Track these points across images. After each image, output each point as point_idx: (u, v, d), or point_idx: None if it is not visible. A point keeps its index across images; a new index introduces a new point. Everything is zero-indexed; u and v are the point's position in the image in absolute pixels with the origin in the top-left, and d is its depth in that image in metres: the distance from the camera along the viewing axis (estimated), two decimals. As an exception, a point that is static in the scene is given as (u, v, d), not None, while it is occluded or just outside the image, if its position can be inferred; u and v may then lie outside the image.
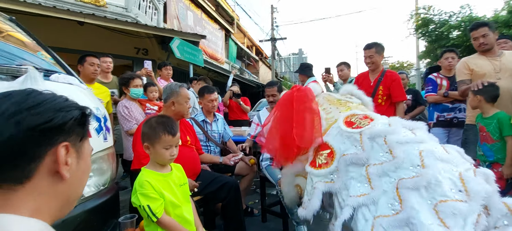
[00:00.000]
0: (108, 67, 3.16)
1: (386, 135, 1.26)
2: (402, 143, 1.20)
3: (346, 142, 1.35)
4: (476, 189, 1.00)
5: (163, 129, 1.33)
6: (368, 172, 1.20)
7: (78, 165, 0.56)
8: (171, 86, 2.11)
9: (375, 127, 1.32)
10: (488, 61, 2.34)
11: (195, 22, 10.17)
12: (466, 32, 9.45)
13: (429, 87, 3.02)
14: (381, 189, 1.14)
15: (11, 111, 0.47)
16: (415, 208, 1.00)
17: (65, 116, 0.51)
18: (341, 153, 1.32)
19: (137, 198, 1.27)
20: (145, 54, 6.84)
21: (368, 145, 1.26)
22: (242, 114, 5.19)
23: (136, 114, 2.67)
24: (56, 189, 0.52)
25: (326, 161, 1.35)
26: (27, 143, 0.48)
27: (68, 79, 1.42)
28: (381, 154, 1.22)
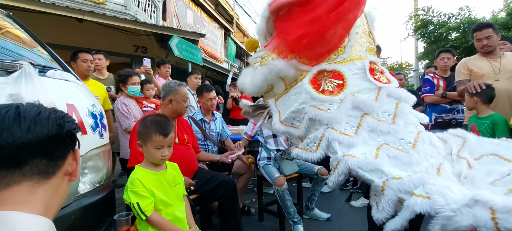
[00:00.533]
0: (97, 64, 3.08)
1: (401, 101, 1.22)
2: (407, 115, 1.18)
3: (363, 86, 1.25)
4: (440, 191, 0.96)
5: (155, 129, 1.32)
6: (362, 120, 1.17)
7: (75, 169, 0.63)
8: (170, 84, 2.10)
9: (393, 88, 1.27)
10: (488, 62, 2.34)
11: (195, 20, 10.15)
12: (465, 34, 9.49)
13: (427, 88, 2.99)
14: (363, 140, 1.13)
15: (54, 116, 0.57)
16: (386, 165, 1.02)
17: (78, 127, 0.62)
18: (352, 91, 1.22)
19: (128, 195, 1.28)
20: (144, 52, 6.83)
21: (384, 100, 1.21)
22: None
23: (134, 111, 2.66)
24: (63, 189, 0.60)
25: (333, 90, 1.23)
26: (64, 143, 0.58)
27: (64, 75, 1.41)
28: (385, 113, 1.20)
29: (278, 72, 1.29)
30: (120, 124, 2.68)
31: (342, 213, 2.87)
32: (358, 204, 2.98)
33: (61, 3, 5.00)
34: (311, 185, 2.68)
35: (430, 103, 2.99)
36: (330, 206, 3.02)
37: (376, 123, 1.15)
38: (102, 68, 3.16)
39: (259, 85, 1.35)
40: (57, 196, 0.58)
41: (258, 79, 1.34)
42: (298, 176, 2.63)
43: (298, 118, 1.30)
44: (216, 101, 2.84)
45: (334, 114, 1.16)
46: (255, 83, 1.36)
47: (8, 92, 0.94)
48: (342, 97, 1.20)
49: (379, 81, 1.26)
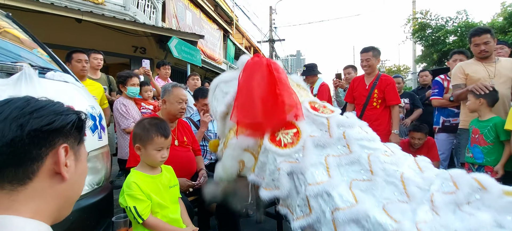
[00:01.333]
0: (99, 64, 3.09)
1: (346, 129, 1.33)
2: (357, 139, 1.29)
3: (313, 125, 1.36)
4: (413, 191, 1.12)
5: (156, 130, 1.34)
6: (327, 161, 1.24)
7: (76, 168, 0.58)
8: (167, 85, 2.12)
9: (338, 117, 1.39)
10: (483, 67, 2.36)
11: (194, 21, 10.16)
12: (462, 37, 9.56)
13: (435, 90, 2.94)
14: (338, 178, 1.20)
15: (14, 115, 0.50)
16: (368, 208, 1.08)
17: (64, 119, 0.54)
18: (307, 133, 1.30)
19: (124, 199, 1.28)
20: (143, 52, 6.83)
21: (336, 132, 1.31)
22: None
23: (133, 112, 2.67)
24: (56, 190, 0.54)
25: (292, 140, 1.30)
26: (30, 145, 0.50)
27: (63, 77, 1.41)
28: (339, 146, 1.29)
29: (239, 145, 1.38)
30: (119, 124, 2.69)
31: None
32: None
33: (59, 3, 5.00)
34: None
35: (437, 106, 2.95)
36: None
37: (338, 159, 1.25)
38: (97, 69, 3.15)
39: (230, 166, 1.42)
40: (48, 198, 0.53)
41: (227, 162, 1.42)
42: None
43: (276, 178, 1.31)
44: None
45: (305, 162, 1.23)
46: (226, 166, 1.43)
47: (8, 94, 0.94)
48: (302, 144, 1.27)
49: (323, 114, 1.39)
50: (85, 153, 0.62)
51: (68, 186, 0.56)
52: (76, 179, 0.58)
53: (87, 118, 0.61)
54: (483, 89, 2.10)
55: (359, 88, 2.97)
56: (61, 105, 0.57)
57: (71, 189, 0.58)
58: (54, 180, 0.53)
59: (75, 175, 0.58)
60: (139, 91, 2.84)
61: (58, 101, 0.57)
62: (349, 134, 1.29)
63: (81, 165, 0.60)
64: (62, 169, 0.53)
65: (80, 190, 0.61)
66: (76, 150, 0.58)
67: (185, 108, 2.12)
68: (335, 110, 1.44)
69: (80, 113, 0.59)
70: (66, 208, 0.58)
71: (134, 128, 1.41)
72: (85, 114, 0.60)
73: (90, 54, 3.04)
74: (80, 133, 0.59)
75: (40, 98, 0.56)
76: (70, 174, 0.56)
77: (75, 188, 0.59)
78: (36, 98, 0.55)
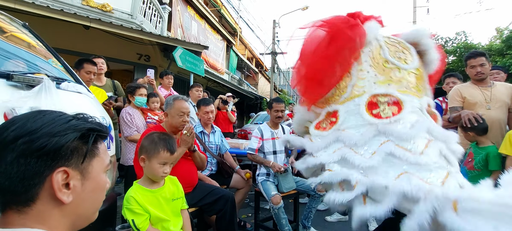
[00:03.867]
0: (101, 69, 3.06)
1: (391, 140, 1.11)
2: (386, 155, 1.09)
3: (355, 122, 1.22)
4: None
5: (163, 145, 1.39)
6: (339, 149, 1.21)
7: (84, 186, 0.56)
8: (169, 98, 2.16)
9: (390, 125, 1.14)
10: (480, 91, 2.42)
11: (199, 32, 10.35)
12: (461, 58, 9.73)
13: None
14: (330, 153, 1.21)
15: (9, 139, 0.50)
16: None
17: (59, 141, 0.52)
18: (343, 127, 1.23)
19: (124, 212, 1.34)
20: (147, 60, 6.93)
21: (369, 136, 1.15)
22: (228, 126, 5.08)
23: (138, 122, 2.73)
24: (62, 210, 0.53)
25: (326, 126, 1.32)
26: (24, 170, 0.49)
27: (77, 88, 1.47)
28: (366, 148, 1.14)
29: (300, 117, 1.56)
30: (122, 131, 2.77)
31: None
32: (333, 219, 3.12)
33: (69, 9, 5.12)
34: (308, 201, 2.72)
35: None
36: (325, 223, 3.06)
37: (352, 154, 1.14)
38: (101, 74, 3.15)
39: (297, 129, 1.66)
40: (57, 217, 0.53)
41: (295, 124, 1.67)
42: (296, 193, 2.67)
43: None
44: (213, 115, 2.90)
45: (316, 145, 1.27)
46: (295, 128, 1.68)
47: (29, 105, 0.99)
48: (330, 132, 1.27)
49: (377, 117, 1.19)
50: (100, 168, 0.60)
51: (75, 205, 0.55)
52: (84, 197, 0.56)
53: (102, 128, 0.60)
54: (467, 123, 2.12)
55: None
56: (63, 122, 0.55)
57: (80, 207, 0.56)
58: (57, 202, 0.52)
59: (82, 193, 0.56)
60: (146, 101, 2.91)
61: (66, 115, 0.57)
62: (385, 147, 1.10)
63: (91, 182, 0.58)
64: (58, 194, 0.52)
65: (95, 205, 0.60)
66: (82, 168, 0.56)
67: (188, 120, 2.14)
68: (404, 111, 1.17)
69: (84, 129, 0.56)
70: (80, 222, 0.59)
71: (143, 139, 1.46)
72: (95, 128, 0.58)
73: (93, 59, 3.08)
74: (87, 147, 0.56)
75: (48, 112, 0.56)
76: (76, 194, 0.54)
77: (86, 205, 0.58)
78: (43, 113, 0.55)
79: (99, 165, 0.60)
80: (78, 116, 0.60)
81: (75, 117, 0.59)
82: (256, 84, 18.84)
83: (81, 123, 0.57)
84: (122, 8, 6.32)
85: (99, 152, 0.60)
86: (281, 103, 2.80)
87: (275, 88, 18.29)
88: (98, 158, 0.60)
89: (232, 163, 2.91)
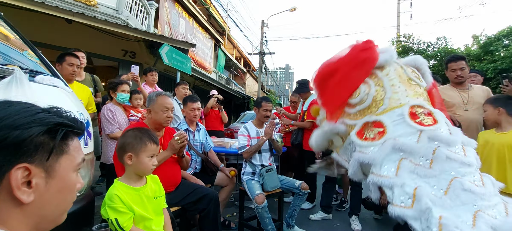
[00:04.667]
0: (81, 62, 2.96)
1: (441, 146, 1.24)
2: (444, 160, 1.21)
3: (404, 131, 1.32)
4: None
5: (148, 138, 1.37)
6: (401, 163, 1.24)
7: (49, 185, 0.51)
8: (152, 94, 2.12)
9: (437, 131, 1.28)
10: (458, 93, 2.52)
11: (187, 30, 10.22)
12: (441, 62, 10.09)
13: None
14: (403, 180, 1.21)
15: None
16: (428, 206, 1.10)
17: (20, 134, 0.47)
18: (394, 135, 1.31)
19: (106, 210, 1.29)
20: (132, 57, 6.78)
21: (425, 145, 1.24)
22: (219, 125, 5.08)
23: (119, 119, 2.66)
24: (23, 210, 0.49)
25: (374, 136, 1.36)
26: None
27: (53, 81, 1.41)
28: (422, 158, 1.23)
29: (328, 132, 1.60)
30: (103, 129, 2.68)
31: (321, 229, 2.93)
32: (317, 217, 3.14)
33: (50, 2, 4.93)
34: (292, 200, 2.74)
35: None
36: (309, 222, 3.08)
37: (414, 167, 1.21)
38: (80, 69, 3.06)
39: (320, 143, 1.69)
40: (18, 216, 0.49)
41: (318, 139, 1.69)
42: (280, 192, 2.68)
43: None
44: (199, 113, 2.87)
45: (375, 155, 1.31)
46: (317, 142, 1.70)
47: (-3, 97, 0.94)
48: (382, 142, 1.32)
49: (421, 124, 1.31)
50: (69, 166, 0.55)
51: (39, 206, 0.50)
52: (49, 197, 0.52)
53: (77, 124, 0.56)
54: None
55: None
56: (28, 115, 0.50)
57: (44, 208, 0.51)
58: (18, 201, 0.48)
59: (47, 193, 0.51)
60: (129, 98, 2.83)
61: (34, 107, 0.52)
62: (441, 153, 1.21)
63: (57, 181, 0.53)
64: (17, 192, 0.47)
65: (62, 206, 0.56)
66: (47, 166, 0.51)
67: (172, 116, 2.10)
68: (439, 121, 1.33)
69: (53, 122, 0.52)
70: (45, 225, 0.54)
71: (121, 138, 1.41)
72: (66, 123, 0.53)
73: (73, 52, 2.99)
74: (54, 143, 0.51)
75: (15, 102, 0.51)
76: (39, 193, 0.50)
77: (51, 206, 0.53)
78: (8, 103, 0.51)
79: (68, 164, 0.55)
80: (51, 109, 0.55)
81: (46, 110, 0.54)
82: (244, 84, 18.82)
83: (50, 116, 0.53)
84: (107, 3, 6.14)
85: (69, 149, 0.55)
86: (270, 103, 2.81)
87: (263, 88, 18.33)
88: (67, 155, 0.55)
89: (216, 161, 2.88)
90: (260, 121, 2.82)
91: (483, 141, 2.12)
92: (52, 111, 0.55)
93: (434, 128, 1.29)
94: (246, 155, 2.68)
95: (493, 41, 9.16)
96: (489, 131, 2.16)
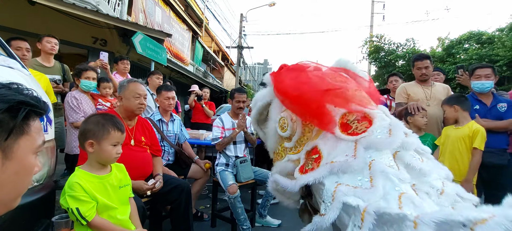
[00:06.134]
0: (53, 48, 2.86)
1: (377, 155, 1.04)
2: (386, 172, 0.99)
3: (339, 149, 1.14)
4: None
5: (112, 125, 1.30)
6: (336, 189, 1.02)
7: (5, 167, 0.49)
8: (123, 81, 2.05)
9: (372, 136, 1.10)
10: (422, 89, 2.70)
11: (163, 19, 9.87)
12: (409, 62, 10.71)
13: None
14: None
15: None
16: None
17: None
18: (329, 159, 1.13)
19: (65, 200, 1.21)
20: (103, 45, 6.43)
21: (361, 159, 1.05)
22: (206, 118, 5.25)
23: (85, 107, 2.52)
24: None
25: (313, 166, 1.18)
26: None
27: (8, 62, 1.30)
28: (360, 177, 1.02)
29: (281, 172, 1.35)
30: (67, 117, 2.53)
31: (293, 218, 3.00)
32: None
33: (9, -19, 4.53)
34: (265, 191, 2.77)
35: None
36: (282, 212, 3.15)
37: (353, 191, 0.98)
38: (51, 55, 2.91)
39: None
40: None
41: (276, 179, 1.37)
42: (253, 183, 2.71)
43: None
44: (174, 102, 2.80)
45: (314, 188, 1.15)
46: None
47: None
48: (318, 173, 1.13)
49: (354, 135, 1.13)
50: (28, 148, 0.52)
51: None
52: (4, 179, 0.49)
53: (40, 104, 0.52)
54: (415, 109, 2.40)
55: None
56: None
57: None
58: None
59: (2, 175, 0.48)
60: (95, 86, 2.69)
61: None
62: (377, 164, 1.01)
63: (14, 163, 0.50)
64: None
65: (18, 190, 0.53)
66: (5, 146, 0.48)
67: (144, 104, 2.03)
68: (374, 123, 1.14)
69: (15, 101, 0.49)
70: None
71: (83, 124, 1.33)
72: (29, 102, 0.50)
73: (42, 38, 2.81)
74: (14, 123, 0.48)
75: None
76: None
77: (6, 189, 0.50)
78: None
79: (27, 145, 0.52)
80: (11, 85, 0.51)
81: (6, 85, 0.50)
82: (222, 77, 18.63)
83: (12, 93, 0.49)
84: (75, -15, 5.76)
85: (30, 130, 0.52)
86: (243, 94, 2.81)
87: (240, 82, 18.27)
88: (27, 136, 0.52)
89: (190, 153, 2.84)
90: (234, 112, 2.81)
91: (444, 135, 2.30)
92: (12, 88, 0.51)
93: (367, 134, 1.11)
94: (219, 147, 2.67)
95: (454, 44, 9.86)
96: (451, 126, 2.34)
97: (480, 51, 8.98)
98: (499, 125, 2.31)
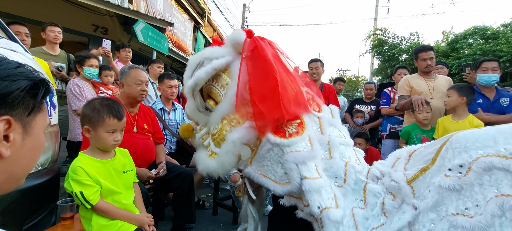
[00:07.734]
0: (56, 38, 2.89)
1: (332, 131, 1.32)
2: (338, 145, 1.29)
3: (308, 120, 1.26)
4: (371, 200, 1.24)
5: (108, 112, 1.27)
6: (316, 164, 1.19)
7: (24, 142, 0.50)
8: (124, 67, 2.04)
9: (328, 116, 1.35)
10: (425, 82, 2.68)
11: (165, 8, 9.74)
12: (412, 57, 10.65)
13: (383, 100, 3.27)
14: (325, 179, 1.21)
15: None
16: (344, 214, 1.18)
17: (8, 85, 0.45)
18: (310, 126, 1.24)
19: (69, 184, 1.21)
20: (104, 33, 6.37)
21: (326, 133, 1.28)
22: None
23: (88, 94, 2.52)
24: None
25: (297, 130, 1.19)
26: None
27: (10, 45, 1.29)
28: (323, 150, 1.26)
29: (241, 140, 1.21)
30: (70, 105, 2.53)
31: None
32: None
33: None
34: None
35: (385, 114, 3.24)
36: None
37: (322, 162, 1.24)
38: (55, 44, 2.92)
39: (229, 162, 1.25)
40: None
41: (226, 158, 1.24)
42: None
43: (288, 170, 1.18)
44: (176, 90, 2.79)
45: (314, 152, 1.16)
46: (224, 163, 1.26)
47: None
48: (307, 134, 1.19)
49: (315, 111, 1.33)
50: (42, 124, 0.54)
51: (11, 162, 0.49)
52: (22, 154, 0.51)
53: (50, 84, 0.53)
54: (422, 103, 2.38)
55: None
56: (11, 67, 0.48)
57: (15, 165, 0.50)
58: None
59: (21, 150, 0.50)
60: (98, 73, 2.68)
61: (13, 61, 0.49)
62: (333, 138, 1.29)
63: (32, 138, 0.52)
64: None
65: (30, 166, 0.55)
66: (26, 122, 0.50)
67: (146, 90, 2.02)
68: (322, 107, 1.38)
69: (37, 79, 0.50)
70: (9, 184, 0.52)
71: (82, 108, 1.32)
72: (46, 80, 0.51)
73: (46, 27, 2.81)
74: (35, 101, 0.50)
75: None
76: (15, 149, 0.48)
77: (22, 164, 0.52)
78: None
79: (42, 122, 0.54)
80: (25, 65, 0.51)
81: (21, 64, 0.51)
82: (224, 69, 18.51)
83: (30, 71, 0.50)
84: (76, -28, 5.67)
85: (44, 108, 0.54)
86: None
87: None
88: (42, 114, 0.54)
89: (192, 142, 2.84)
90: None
91: (441, 128, 2.28)
92: (26, 67, 0.51)
93: (322, 114, 1.34)
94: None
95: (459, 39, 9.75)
96: (447, 118, 2.32)
97: (484, 47, 8.89)
98: (502, 118, 2.30)
